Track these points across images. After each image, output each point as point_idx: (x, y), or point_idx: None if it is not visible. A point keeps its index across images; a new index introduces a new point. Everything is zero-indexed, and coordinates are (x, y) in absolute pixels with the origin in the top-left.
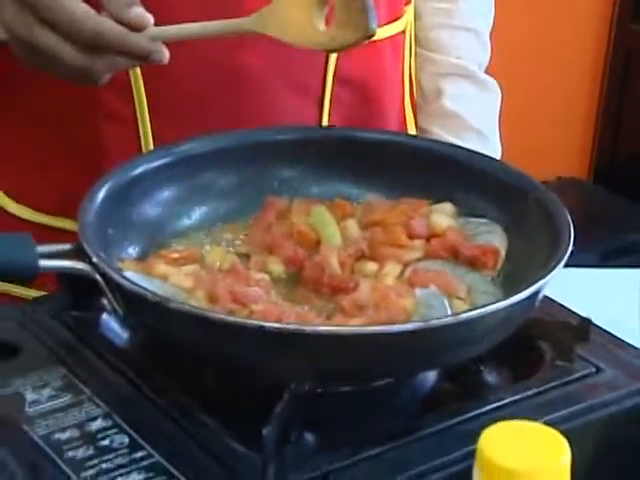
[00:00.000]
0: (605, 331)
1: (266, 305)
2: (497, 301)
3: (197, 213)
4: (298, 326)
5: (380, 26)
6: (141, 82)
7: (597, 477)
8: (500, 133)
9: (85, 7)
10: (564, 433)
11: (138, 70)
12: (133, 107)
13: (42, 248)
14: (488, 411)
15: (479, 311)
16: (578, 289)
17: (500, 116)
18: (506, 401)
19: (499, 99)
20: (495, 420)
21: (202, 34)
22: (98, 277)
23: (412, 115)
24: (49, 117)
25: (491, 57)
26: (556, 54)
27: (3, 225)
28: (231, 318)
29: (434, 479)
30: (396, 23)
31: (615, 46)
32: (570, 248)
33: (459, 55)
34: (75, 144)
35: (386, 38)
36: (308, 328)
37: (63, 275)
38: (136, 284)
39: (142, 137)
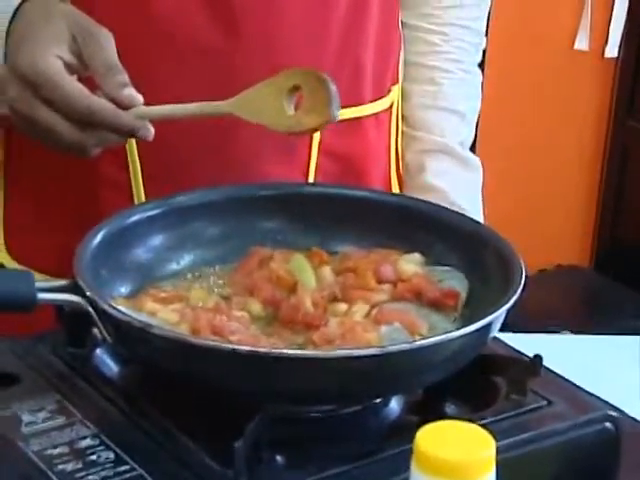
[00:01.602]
0: (552, 371)
1: (243, 336)
2: (450, 332)
3: (185, 259)
4: (268, 350)
5: (365, 103)
6: (135, 151)
7: None
8: (501, 222)
9: (79, 87)
10: (517, 458)
11: (134, 140)
12: (128, 175)
13: (40, 283)
14: None
15: (434, 339)
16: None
17: (503, 206)
18: None
19: (481, 176)
20: None
21: (183, 114)
22: (90, 309)
23: (398, 188)
24: (52, 184)
25: (497, 150)
26: (557, 147)
27: None
28: (207, 342)
29: None
30: (381, 101)
31: (613, 140)
32: (519, 291)
33: (442, 134)
34: (76, 210)
35: (371, 115)
36: (276, 351)
37: (60, 315)
38: (123, 312)
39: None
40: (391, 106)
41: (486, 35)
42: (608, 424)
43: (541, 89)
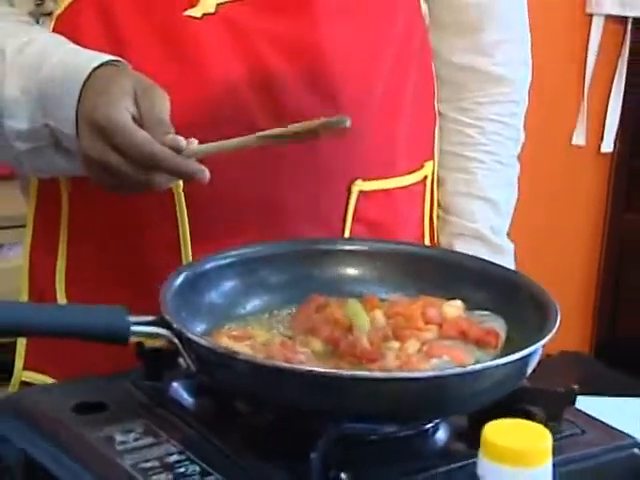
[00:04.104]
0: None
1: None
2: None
3: (251, 304)
4: (344, 371)
5: (396, 176)
6: (185, 214)
7: None
8: None
9: (144, 134)
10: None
11: (184, 202)
12: (178, 235)
13: (133, 318)
14: None
15: (484, 365)
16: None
17: None
18: None
19: (512, 262)
20: None
21: (224, 149)
22: (176, 340)
23: None
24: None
25: None
26: (556, 241)
27: None
28: (288, 365)
29: None
30: (414, 174)
31: (610, 233)
32: (555, 328)
33: (474, 220)
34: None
35: (402, 187)
36: (350, 372)
37: (140, 352)
38: (210, 341)
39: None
40: (424, 180)
41: None
42: (636, 450)
43: (540, 183)
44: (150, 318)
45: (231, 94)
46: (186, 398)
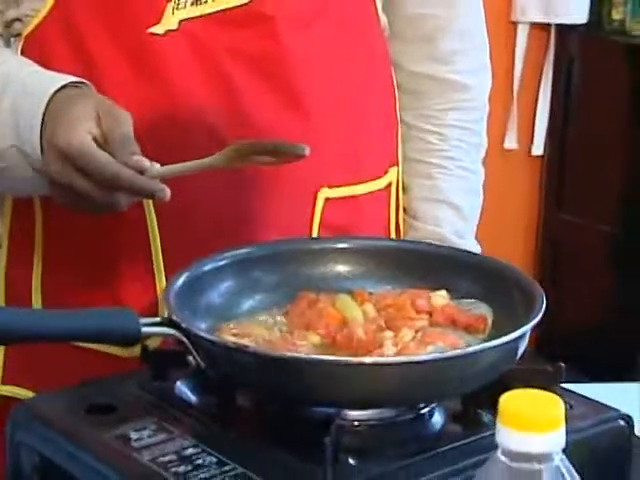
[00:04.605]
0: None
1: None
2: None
3: (246, 304)
4: (348, 359)
5: (361, 182)
6: (156, 226)
7: None
8: None
9: (107, 156)
10: None
11: (155, 223)
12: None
13: (143, 319)
14: (482, 438)
15: (481, 346)
16: None
17: None
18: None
19: None
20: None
21: (193, 169)
22: (184, 339)
23: None
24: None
25: None
26: (492, 241)
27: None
28: (298, 355)
29: None
30: (378, 181)
31: (544, 233)
32: (542, 311)
33: (438, 224)
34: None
35: (366, 193)
36: (355, 360)
37: (145, 354)
38: (219, 337)
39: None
40: (389, 186)
41: None
42: (622, 422)
43: None
44: (158, 319)
45: (196, 109)
46: (191, 396)
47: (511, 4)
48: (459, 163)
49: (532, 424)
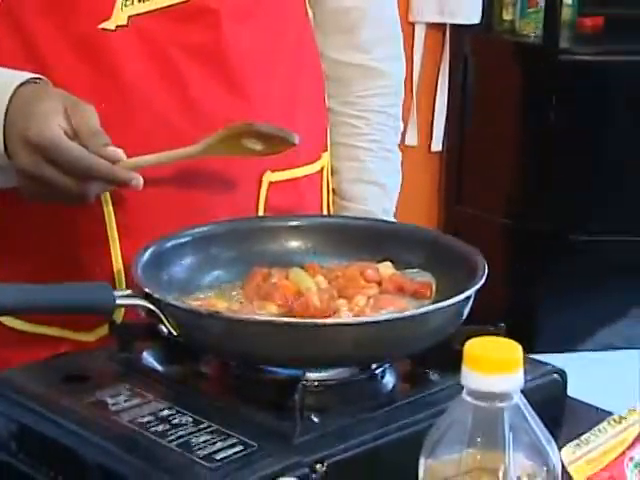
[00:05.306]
0: None
1: None
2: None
3: (206, 278)
4: (316, 320)
5: (299, 166)
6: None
7: None
8: None
9: (79, 148)
10: None
11: (111, 207)
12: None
13: (116, 292)
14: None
15: (435, 306)
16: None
17: None
18: (443, 386)
19: None
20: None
21: (167, 160)
22: (155, 309)
23: None
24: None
25: None
26: None
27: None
28: (271, 318)
29: (403, 434)
30: (313, 164)
31: (445, 226)
32: (485, 275)
33: (366, 204)
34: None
35: (304, 176)
36: (320, 321)
37: (113, 328)
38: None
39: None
40: (322, 170)
41: None
42: (556, 375)
43: None
44: (130, 292)
45: (147, 98)
46: (157, 365)
47: (409, 5)
48: (383, 145)
49: (495, 366)
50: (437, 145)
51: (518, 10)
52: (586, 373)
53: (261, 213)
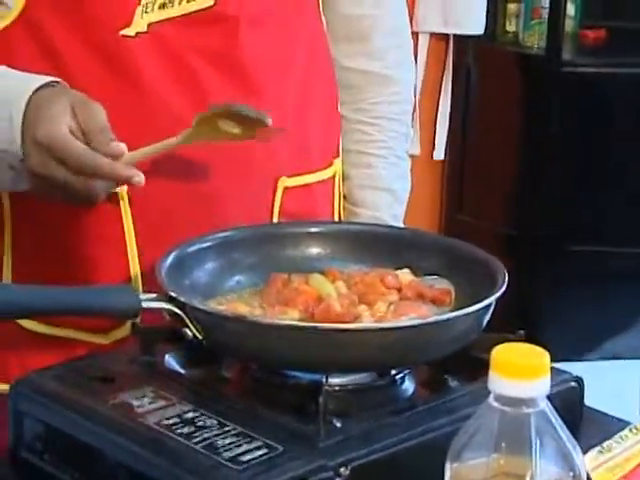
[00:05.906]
0: None
1: None
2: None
3: (227, 283)
4: (340, 325)
5: (312, 172)
6: (129, 213)
7: None
8: None
9: (82, 146)
10: None
11: (127, 204)
12: (123, 231)
13: (141, 295)
14: (450, 400)
15: (456, 313)
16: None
17: None
18: (463, 392)
19: None
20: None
21: (148, 154)
22: (180, 312)
23: None
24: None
25: None
26: None
27: (15, 337)
28: (295, 322)
29: (424, 439)
30: (326, 170)
31: (445, 234)
32: (505, 282)
33: (377, 209)
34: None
35: (317, 182)
36: (346, 326)
37: (135, 331)
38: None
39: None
40: (334, 176)
41: None
42: (574, 383)
43: None
44: (155, 295)
45: (164, 101)
46: (179, 369)
47: (413, 15)
48: (395, 152)
49: (522, 372)
50: (439, 154)
51: (521, 21)
52: (591, 382)
53: (275, 218)
